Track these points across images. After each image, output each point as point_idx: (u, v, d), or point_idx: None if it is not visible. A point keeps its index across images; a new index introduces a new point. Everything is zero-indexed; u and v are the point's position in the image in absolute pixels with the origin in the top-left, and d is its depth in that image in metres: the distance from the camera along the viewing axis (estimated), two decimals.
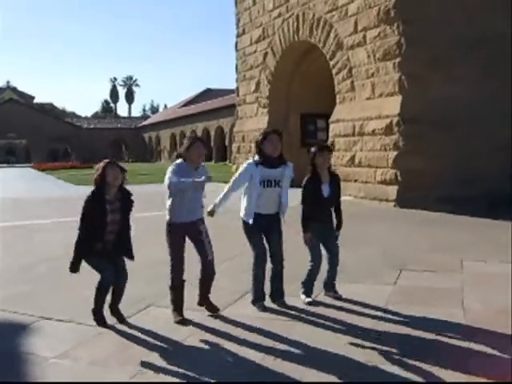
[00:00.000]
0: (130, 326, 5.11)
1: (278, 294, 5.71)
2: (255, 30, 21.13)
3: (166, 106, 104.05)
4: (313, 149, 5.85)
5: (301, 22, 17.86)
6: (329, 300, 5.87)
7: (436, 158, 13.06)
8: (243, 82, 22.53)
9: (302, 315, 5.37)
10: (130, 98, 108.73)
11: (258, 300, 5.61)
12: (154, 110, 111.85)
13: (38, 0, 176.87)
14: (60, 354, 4.54)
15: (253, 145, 20.30)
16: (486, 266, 7.29)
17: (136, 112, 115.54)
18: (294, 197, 5.77)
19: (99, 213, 4.96)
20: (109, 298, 5.23)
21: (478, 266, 7.33)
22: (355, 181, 14.88)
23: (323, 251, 5.90)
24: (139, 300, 5.81)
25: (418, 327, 4.92)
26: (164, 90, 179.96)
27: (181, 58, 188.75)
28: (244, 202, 5.56)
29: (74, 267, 5.05)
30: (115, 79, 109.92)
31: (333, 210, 5.97)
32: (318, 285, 5.95)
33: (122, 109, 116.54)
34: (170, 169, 5.11)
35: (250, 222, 5.44)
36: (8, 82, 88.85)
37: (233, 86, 24.48)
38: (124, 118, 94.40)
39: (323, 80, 18.01)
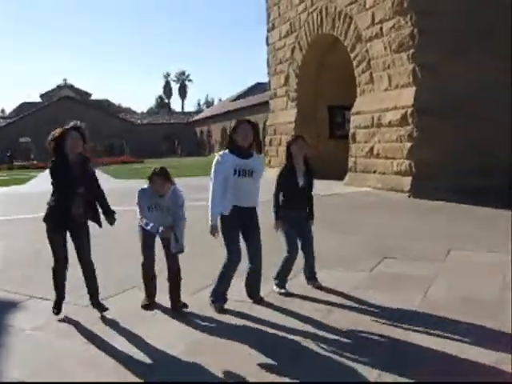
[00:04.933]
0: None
1: (253, 291, 5.60)
2: (283, 25, 21.41)
3: (220, 100, 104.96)
4: (289, 138, 6.05)
5: (324, 16, 18.05)
6: (303, 289, 5.91)
7: (449, 148, 13.06)
8: (274, 76, 22.86)
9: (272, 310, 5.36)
10: (182, 92, 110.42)
11: (220, 300, 5.41)
12: (209, 104, 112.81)
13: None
14: (35, 326, 5.11)
15: (283, 137, 20.73)
16: (472, 256, 7.24)
17: (191, 107, 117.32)
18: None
19: (62, 169, 4.98)
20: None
21: (463, 255, 7.27)
22: (374, 172, 15.03)
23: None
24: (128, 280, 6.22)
25: (370, 313, 5.09)
26: (219, 84, 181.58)
27: (236, 51, 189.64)
28: None
29: None
30: (168, 75, 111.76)
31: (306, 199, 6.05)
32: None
33: (176, 104, 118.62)
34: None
35: (227, 213, 5.22)
36: (65, 80, 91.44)
37: None
38: (177, 112, 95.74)
39: (350, 72, 18.08)
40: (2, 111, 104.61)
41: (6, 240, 9.79)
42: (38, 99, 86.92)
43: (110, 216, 5.31)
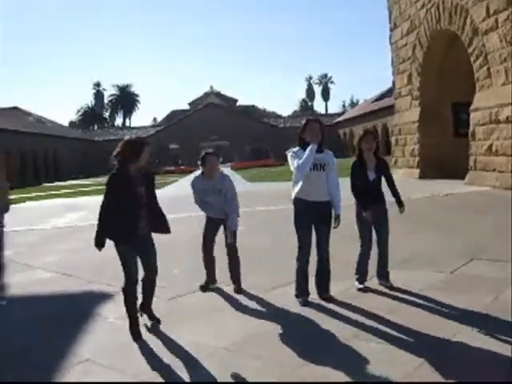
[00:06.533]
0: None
1: (323, 288, 5.78)
2: (404, 23, 21.02)
3: (365, 100, 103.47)
4: (360, 134, 6.23)
5: (441, 11, 17.52)
6: (379, 286, 6.04)
7: None
8: (398, 76, 22.48)
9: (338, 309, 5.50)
10: (325, 95, 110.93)
11: (300, 295, 5.70)
12: (354, 105, 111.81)
13: (242, 4, 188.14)
14: (119, 316, 5.70)
15: (408, 137, 20.39)
16: None
17: (336, 108, 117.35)
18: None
19: (126, 186, 4.88)
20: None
21: None
22: (493, 170, 14.37)
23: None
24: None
25: (433, 312, 5.11)
26: (365, 84, 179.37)
27: (377, 50, 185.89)
28: (293, 190, 5.66)
29: (99, 243, 4.97)
30: (310, 78, 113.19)
31: (391, 192, 6.11)
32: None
33: (320, 106, 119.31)
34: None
35: (299, 208, 5.55)
36: (212, 87, 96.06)
37: None
38: (321, 115, 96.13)
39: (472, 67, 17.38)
40: (154, 119, 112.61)
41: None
42: (187, 107, 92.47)
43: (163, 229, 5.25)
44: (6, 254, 8.16)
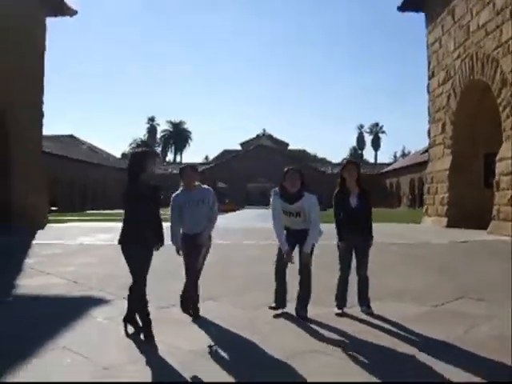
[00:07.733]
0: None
1: (302, 308, 6.04)
2: (441, 73, 21.27)
3: (415, 152, 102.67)
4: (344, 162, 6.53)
5: (475, 61, 17.74)
6: (359, 314, 6.19)
7: None
8: (433, 124, 22.62)
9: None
10: (375, 144, 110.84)
11: (278, 306, 6.13)
12: (405, 156, 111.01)
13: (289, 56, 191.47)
14: (106, 317, 6.18)
15: (439, 185, 20.34)
16: None
17: (386, 158, 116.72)
18: None
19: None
20: None
21: None
22: None
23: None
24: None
25: (399, 337, 5.30)
26: (415, 136, 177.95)
27: None
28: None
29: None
30: (362, 126, 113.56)
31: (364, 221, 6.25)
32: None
33: (369, 155, 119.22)
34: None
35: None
36: (264, 130, 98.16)
37: None
38: (370, 163, 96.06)
39: None
40: (206, 157, 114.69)
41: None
42: (239, 147, 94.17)
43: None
44: (28, 262, 8.57)
